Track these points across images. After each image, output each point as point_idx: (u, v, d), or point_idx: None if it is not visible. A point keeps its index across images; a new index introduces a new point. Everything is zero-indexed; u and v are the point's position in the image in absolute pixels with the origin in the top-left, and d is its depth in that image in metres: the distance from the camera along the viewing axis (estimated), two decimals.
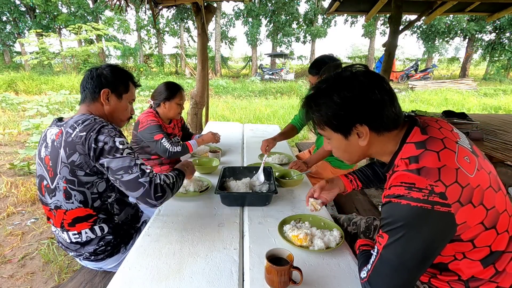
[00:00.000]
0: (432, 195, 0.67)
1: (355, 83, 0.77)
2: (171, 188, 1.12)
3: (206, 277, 0.90)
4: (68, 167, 1.07)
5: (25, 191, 3.08)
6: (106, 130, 1.08)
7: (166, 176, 1.13)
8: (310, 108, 0.85)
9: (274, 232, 1.14)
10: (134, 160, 1.07)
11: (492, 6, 4.01)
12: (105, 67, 1.24)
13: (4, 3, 17.17)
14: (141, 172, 1.05)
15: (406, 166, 0.74)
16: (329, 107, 0.80)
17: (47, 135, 1.16)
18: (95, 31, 14.18)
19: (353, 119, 0.79)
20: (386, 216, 0.74)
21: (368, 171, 1.26)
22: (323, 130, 0.86)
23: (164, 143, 1.87)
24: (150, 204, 1.07)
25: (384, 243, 0.74)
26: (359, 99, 0.77)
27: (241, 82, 15.64)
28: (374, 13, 4.02)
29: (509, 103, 10.17)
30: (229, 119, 7.00)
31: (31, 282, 1.92)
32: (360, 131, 0.80)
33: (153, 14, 3.47)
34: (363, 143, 0.82)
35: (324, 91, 0.81)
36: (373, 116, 0.78)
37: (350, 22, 21.49)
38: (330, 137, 0.87)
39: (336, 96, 0.78)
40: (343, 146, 0.86)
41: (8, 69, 16.02)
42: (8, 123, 6.05)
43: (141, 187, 1.04)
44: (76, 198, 1.11)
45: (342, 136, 0.83)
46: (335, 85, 0.79)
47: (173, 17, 21.94)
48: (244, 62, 25.41)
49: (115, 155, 1.05)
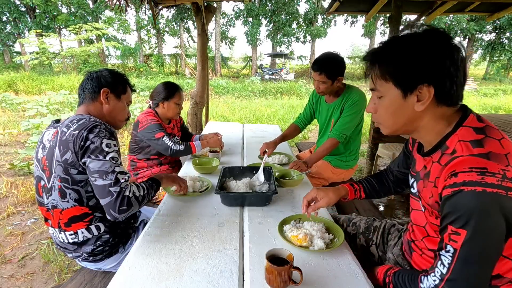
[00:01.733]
0: (505, 180, 0.64)
1: (436, 43, 0.73)
2: (139, 201, 1.10)
3: (206, 277, 0.90)
4: (62, 165, 1.08)
5: (25, 191, 3.08)
6: (97, 129, 1.08)
7: (137, 187, 1.13)
8: (379, 57, 0.80)
9: (274, 232, 1.14)
10: (114, 167, 1.06)
11: (492, 6, 4.01)
12: (104, 70, 1.28)
13: (4, 3, 17.19)
14: (114, 181, 1.04)
15: (470, 150, 0.70)
16: (402, 58, 0.75)
17: (44, 136, 1.17)
18: (95, 30, 14.18)
19: (423, 77, 0.74)
20: (459, 209, 0.67)
21: (374, 181, 1.23)
22: (385, 82, 0.79)
23: (165, 140, 1.88)
24: (112, 215, 1.05)
25: (462, 240, 0.67)
26: (436, 58, 0.72)
27: (241, 82, 15.64)
28: (374, 13, 4.01)
29: (509, 103, 10.18)
30: (229, 119, 7.01)
31: (31, 282, 1.92)
32: (423, 93, 0.75)
33: (153, 14, 3.47)
34: (420, 107, 0.76)
35: (402, 42, 0.76)
36: (444, 81, 0.73)
37: (350, 22, 21.54)
38: (386, 94, 0.81)
39: (414, 48, 0.74)
40: (395, 106, 0.80)
41: (8, 69, 16.02)
42: (8, 123, 6.05)
43: (109, 196, 1.03)
44: (71, 196, 1.12)
45: (401, 94, 0.78)
46: (415, 39, 0.75)
47: (173, 17, 21.96)
48: (244, 62, 25.43)
49: (97, 156, 1.05)
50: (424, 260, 0.92)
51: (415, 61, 0.74)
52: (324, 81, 1.89)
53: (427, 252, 0.90)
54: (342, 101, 1.99)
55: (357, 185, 1.22)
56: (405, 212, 2.93)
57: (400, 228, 1.21)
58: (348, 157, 2.15)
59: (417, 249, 0.95)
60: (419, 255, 0.94)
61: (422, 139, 0.86)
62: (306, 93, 12.10)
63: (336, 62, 1.86)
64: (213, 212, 1.30)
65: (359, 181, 1.26)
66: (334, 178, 2.20)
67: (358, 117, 1.97)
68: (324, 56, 1.88)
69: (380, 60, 0.80)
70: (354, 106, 1.93)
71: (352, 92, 1.97)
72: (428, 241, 0.89)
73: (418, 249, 0.94)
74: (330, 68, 1.85)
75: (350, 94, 1.96)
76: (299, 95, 11.85)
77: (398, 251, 1.09)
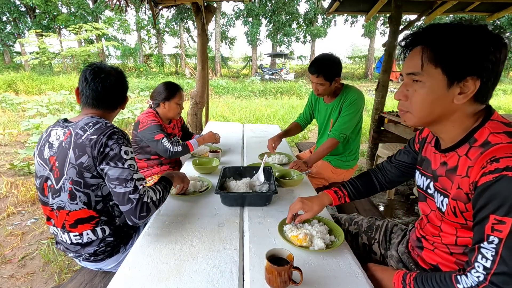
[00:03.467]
0: None
1: (492, 37, 0.71)
2: (156, 205, 1.13)
3: (206, 277, 0.90)
4: (76, 168, 1.08)
5: (25, 191, 3.09)
6: (115, 136, 1.10)
7: (154, 191, 1.14)
8: (434, 40, 0.75)
9: (274, 232, 1.14)
10: (132, 174, 1.08)
11: (492, 6, 4.01)
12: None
13: (4, 3, 17.17)
14: (134, 188, 1.07)
15: (508, 139, 0.69)
16: (459, 45, 0.72)
17: (51, 134, 1.16)
18: (95, 30, 14.17)
19: (473, 69, 0.72)
20: (504, 196, 0.64)
21: (358, 182, 1.23)
22: (433, 67, 0.75)
23: (164, 142, 1.87)
24: (132, 221, 1.08)
25: (508, 229, 0.63)
26: (490, 53, 0.71)
27: (241, 82, 15.64)
28: (374, 13, 4.01)
29: (509, 103, 10.18)
30: (229, 119, 7.01)
31: (31, 282, 1.92)
32: (468, 86, 0.73)
33: (153, 14, 3.47)
34: (460, 100, 0.74)
35: (459, 31, 0.73)
36: (490, 77, 0.72)
37: (350, 22, 21.51)
38: (429, 80, 0.76)
39: (471, 39, 0.71)
40: (435, 95, 0.76)
41: (8, 69, 16.00)
42: (8, 123, 6.05)
43: (130, 203, 1.06)
44: (80, 199, 1.12)
45: (445, 82, 0.74)
46: (472, 30, 0.72)
47: (173, 17, 21.95)
48: (244, 62, 25.43)
49: (117, 163, 1.07)
50: (437, 255, 0.92)
51: (471, 51, 0.71)
52: (322, 83, 1.90)
53: (440, 246, 0.90)
54: (340, 101, 1.99)
55: (341, 191, 1.22)
56: (405, 212, 2.93)
57: (403, 227, 1.21)
58: (348, 157, 2.15)
59: (428, 245, 0.95)
60: (430, 251, 0.94)
61: (446, 133, 0.83)
62: (306, 93, 12.10)
63: (332, 63, 1.87)
64: (213, 212, 1.31)
65: (343, 184, 1.24)
66: (334, 178, 2.21)
67: (357, 116, 1.97)
68: (320, 58, 1.89)
69: (434, 42, 0.75)
70: (352, 106, 1.93)
71: (350, 92, 1.97)
72: (444, 236, 0.89)
73: (430, 244, 0.94)
74: (327, 70, 1.86)
75: (348, 94, 1.96)
76: (299, 95, 11.85)
77: (403, 249, 1.09)
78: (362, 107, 1.99)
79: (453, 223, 0.83)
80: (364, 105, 2.01)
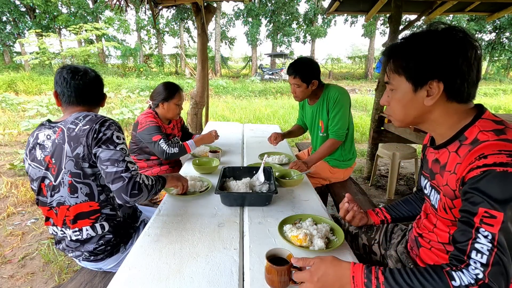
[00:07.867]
0: None
1: (450, 40, 0.76)
2: (148, 189, 1.14)
3: (206, 277, 0.90)
4: (73, 160, 1.10)
5: (25, 191, 3.09)
6: (107, 123, 1.14)
7: (146, 177, 1.16)
8: (394, 52, 0.84)
9: (274, 232, 1.14)
10: (124, 156, 1.11)
11: (492, 6, 4.01)
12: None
13: (4, 3, 17.16)
14: (125, 168, 1.09)
15: (496, 137, 0.71)
16: (415, 53, 0.78)
17: (39, 137, 1.16)
18: (95, 31, 14.17)
19: (434, 73, 0.77)
20: (492, 190, 0.65)
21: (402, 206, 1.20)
22: (397, 75, 0.84)
23: (161, 144, 1.87)
24: (123, 199, 1.08)
25: (499, 224, 0.64)
26: (448, 55, 0.75)
27: (241, 82, 15.64)
28: (374, 13, 4.01)
29: (509, 103, 10.18)
30: (229, 119, 7.01)
31: (31, 282, 1.92)
32: (432, 89, 0.78)
33: (153, 14, 3.47)
34: (429, 102, 0.80)
35: (417, 39, 0.79)
36: (455, 78, 0.76)
37: (350, 22, 21.50)
38: (398, 87, 0.85)
39: (427, 45, 0.77)
40: (406, 100, 0.84)
41: (8, 69, 16.01)
42: (8, 123, 6.05)
43: (121, 181, 1.07)
44: (82, 191, 1.13)
45: (411, 88, 0.82)
46: (431, 36, 0.78)
47: (173, 17, 21.95)
48: (244, 62, 25.41)
49: (108, 146, 1.10)
50: (433, 254, 0.93)
51: (427, 57, 0.77)
52: (299, 84, 1.95)
53: (436, 245, 0.91)
54: (324, 101, 2.02)
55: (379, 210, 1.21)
56: None
57: (403, 227, 1.21)
58: (344, 156, 2.16)
59: (425, 243, 0.96)
60: (427, 249, 0.95)
61: (434, 131, 0.89)
62: None
63: (309, 66, 1.94)
64: (213, 212, 1.31)
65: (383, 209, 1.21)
66: (333, 178, 2.21)
67: (346, 111, 1.99)
68: (297, 60, 1.97)
69: (395, 55, 0.84)
70: (338, 103, 1.96)
71: (331, 91, 2.00)
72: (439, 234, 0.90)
73: (426, 242, 0.95)
74: (304, 72, 1.92)
75: (329, 93, 1.99)
76: None
77: (402, 248, 1.09)
78: (348, 102, 2.01)
79: (446, 220, 0.86)
80: (350, 100, 2.03)
